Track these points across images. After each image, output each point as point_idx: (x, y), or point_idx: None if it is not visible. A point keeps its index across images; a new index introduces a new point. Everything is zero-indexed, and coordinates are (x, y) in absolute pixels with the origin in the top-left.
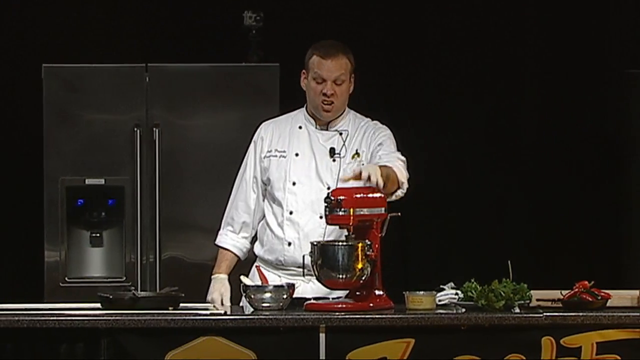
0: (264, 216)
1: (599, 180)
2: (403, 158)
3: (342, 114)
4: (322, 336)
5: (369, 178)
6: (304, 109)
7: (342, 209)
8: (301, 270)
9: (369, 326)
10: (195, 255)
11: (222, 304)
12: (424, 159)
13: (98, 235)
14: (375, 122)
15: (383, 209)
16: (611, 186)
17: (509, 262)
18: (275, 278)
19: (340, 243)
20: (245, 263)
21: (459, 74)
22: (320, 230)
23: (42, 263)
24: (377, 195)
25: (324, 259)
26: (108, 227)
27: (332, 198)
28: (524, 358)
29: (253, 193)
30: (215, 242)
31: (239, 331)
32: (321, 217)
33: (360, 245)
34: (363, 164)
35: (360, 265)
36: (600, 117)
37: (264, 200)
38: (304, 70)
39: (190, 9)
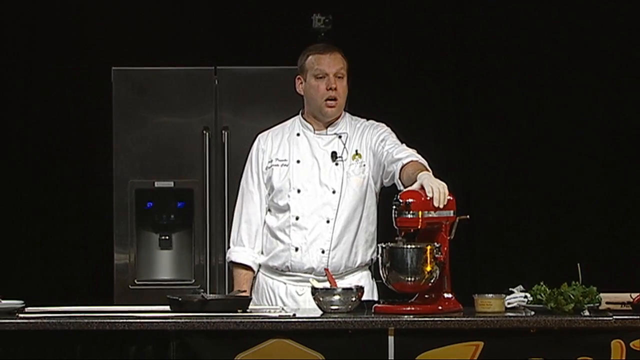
0: (265, 224)
1: None
2: (413, 149)
3: (339, 116)
4: (391, 339)
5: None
6: (298, 116)
7: (411, 212)
8: (307, 276)
9: (437, 329)
10: None
11: None
12: (493, 161)
13: (167, 237)
14: (370, 121)
15: (452, 212)
16: None
17: (578, 264)
18: (279, 285)
19: (409, 246)
20: None
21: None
22: (328, 235)
23: (112, 266)
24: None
25: (392, 262)
26: (177, 230)
27: (401, 201)
28: None
29: (259, 205)
30: (231, 259)
31: (307, 334)
32: (328, 222)
33: (429, 248)
34: (364, 165)
35: (429, 268)
36: None
37: (267, 212)
38: (298, 76)
39: (259, 12)
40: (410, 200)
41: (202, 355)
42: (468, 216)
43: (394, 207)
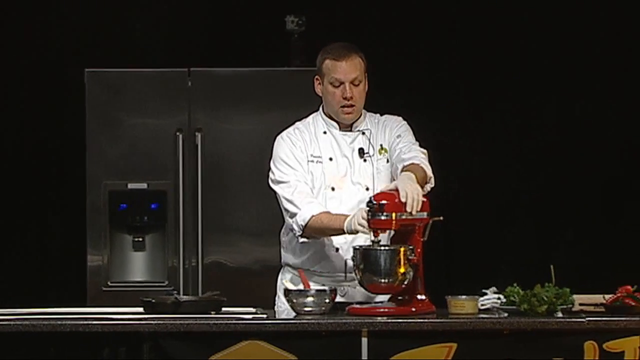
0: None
1: None
2: (424, 150)
3: (361, 114)
4: (365, 340)
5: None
6: (320, 113)
7: (384, 213)
8: (350, 275)
9: (411, 330)
10: (237, 259)
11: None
12: (466, 163)
13: (140, 239)
14: (385, 115)
15: (425, 213)
16: None
17: (552, 266)
18: (317, 287)
19: (382, 247)
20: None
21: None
22: (367, 235)
23: (85, 267)
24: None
25: (366, 264)
26: (150, 232)
27: (375, 202)
28: None
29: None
30: (303, 222)
31: (281, 335)
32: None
33: (402, 249)
34: (388, 160)
35: (402, 270)
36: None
37: None
38: (317, 76)
39: (233, 14)
40: (384, 201)
41: (175, 356)
42: (441, 218)
43: (368, 208)
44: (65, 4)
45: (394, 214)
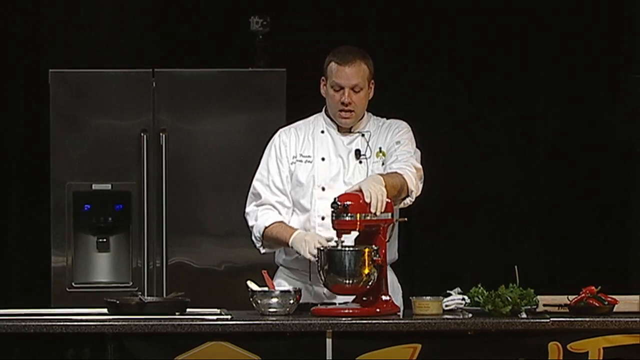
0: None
1: (605, 185)
2: (419, 165)
3: (362, 117)
4: (329, 341)
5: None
6: (322, 113)
7: (349, 214)
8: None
9: (375, 331)
10: (202, 260)
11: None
12: (430, 164)
13: (105, 240)
14: (391, 119)
15: (390, 214)
16: (618, 191)
17: (516, 267)
18: (300, 286)
19: (346, 248)
20: (253, 268)
21: (470, 80)
22: (355, 234)
23: (49, 268)
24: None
25: (330, 264)
26: (115, 233)
27: (339, 203)
28: None
29: (282, 194)
30: (259, 233)
31: (245, 336)
32: None
33: (367, 250)
34: (383, 164)
35: (367, 271)
36: (608, 122)
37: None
38: (323, 77)
39: (197, 15)
40: (348, 202)
41: (139, 357)
42: (406, 218)
43: (332, 209)
44: (29, 4)
45: (358, 215)
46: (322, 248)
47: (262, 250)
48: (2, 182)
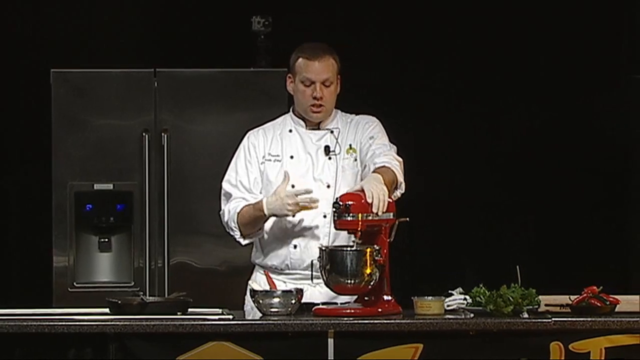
0: None
1: (606, 185)
2: (400, 158)
3: (330, 113)
4: (331, 341)
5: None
6: (290, 113)
7: (351, 214)
8: (308, 273)
9: (377, 331)
10: (204, 260)
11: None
12: (433, 164)
13: (106, 240)
14: (360, 115)
15: (391, 214)
16: (619, 191)
17: (517, 267)
18: (279, 284)
19: (348, 248)
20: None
21: (465, 78)
22: (326, 230)
23: (51, 268)
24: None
25: (332, 264)
26: (116, 233)
27: (341, 203)
28: None
29: (250, 193)
30: (234, 222)
31: (247, 336)
32: (325, 217)
33: (368, 250)
34: (357, 159)
35: (368, 271)
36: (607, 122)
37: None
38: (289, 74)
39: (199, 14)
40: (350, 202)
41: (141, 357)
42: (407, 219)
43: (334, 209)
44: (30, 4)
45: (360, 215)
46: (324, 248)
47: (244, 242)
48: (3, 182)
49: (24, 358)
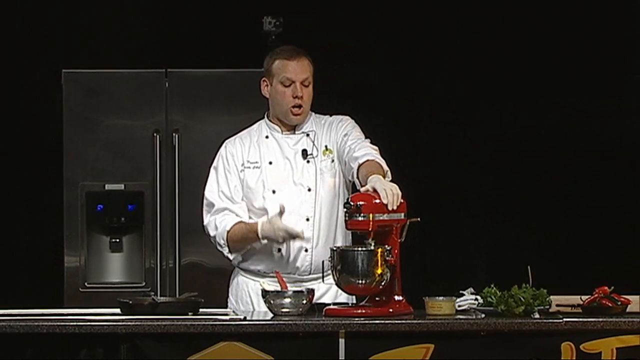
0: None
1: (617, 185)
2: (375, 147)
3: (307, 115)
4: (342, 341)
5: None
6: (264, 119)
7: (362, 215)
8: (292, 276)
9: (388, 331)
10: (215, 260)
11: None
12: (444, 164)
13: (118, 240)
14: (333, 116)
15: (402, 214)
16: (630, 191)
17: (529, 267)
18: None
19: (359, 248)
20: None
21: (470, 77)
22: (309, 233)
23: (62, 268)
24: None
25: (343, 265)
26: (128, 233)
27: (352, 203)
28: None
29: (232, 203)
30: (223, 240)
31: (258, 336)
32: (308, 220)
33: (379, 250)
34: (334, 160)
35: (379, 271)
36: (618, 121)
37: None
38: (264, 78)
39: (210, 15)
40: (361, 202)
41: (152, 358)
42: (419, 218)
43: (345, 209)
44: (42, 4)
45: (371, 215)
46: (335, 248)
47: (231, 257)
48: (15, 182)
49: (35, 358)
